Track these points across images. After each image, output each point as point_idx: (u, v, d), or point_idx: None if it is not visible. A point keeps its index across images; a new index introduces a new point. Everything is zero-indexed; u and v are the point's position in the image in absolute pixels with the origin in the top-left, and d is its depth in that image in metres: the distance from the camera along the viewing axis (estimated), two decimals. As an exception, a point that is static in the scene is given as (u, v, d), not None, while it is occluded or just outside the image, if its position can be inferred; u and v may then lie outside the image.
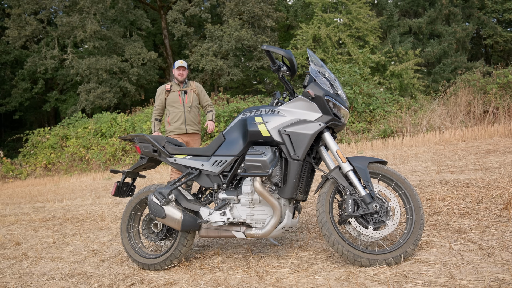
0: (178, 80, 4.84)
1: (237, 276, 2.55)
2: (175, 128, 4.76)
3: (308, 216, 3.72)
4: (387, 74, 14.36)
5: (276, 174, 2.51)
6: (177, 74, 4.84)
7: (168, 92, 4.85)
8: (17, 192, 9.42)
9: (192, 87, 4.96)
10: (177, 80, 4.86)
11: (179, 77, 4.82)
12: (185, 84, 4.93)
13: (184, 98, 4.83)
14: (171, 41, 22.04)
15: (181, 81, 4.86)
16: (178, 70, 4.83)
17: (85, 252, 3.62)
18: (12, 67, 21.68)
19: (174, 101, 4.79)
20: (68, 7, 18.34)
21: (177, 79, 4.85)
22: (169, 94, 4.83)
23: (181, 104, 4.81)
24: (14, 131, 21.62)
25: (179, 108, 4.79)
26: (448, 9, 19.06)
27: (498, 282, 1.95)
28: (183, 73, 4.84)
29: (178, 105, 4.80)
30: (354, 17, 17.08)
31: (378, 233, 2.35)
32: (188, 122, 4.79)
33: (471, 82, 9.71)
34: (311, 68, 2.62)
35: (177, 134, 4.76)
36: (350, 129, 10.20)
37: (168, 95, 4.84)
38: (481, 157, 5.14)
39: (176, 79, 4.86)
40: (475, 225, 2.75)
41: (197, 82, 4.93)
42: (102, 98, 17.67)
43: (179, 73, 4.83)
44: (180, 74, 4.82)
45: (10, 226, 5.28)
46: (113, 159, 12.05)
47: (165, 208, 2.73)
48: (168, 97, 4.84)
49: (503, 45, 19.82)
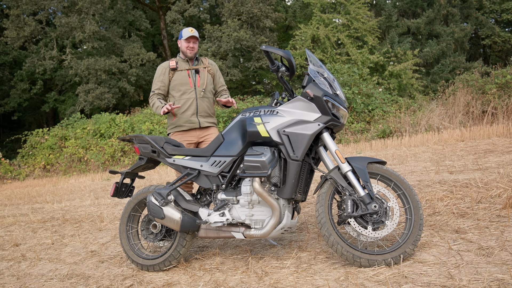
0: (187, 55, 3.58)
1: (236, 277, 2.55)
2: (185, 122, 3.52)
3: (307, 216, 3.72)
4: (385, 75, 14.38)
5: (275, 174, 2.51)
6: (185, 47, 3.56)
7: (173, 71, 3.58)
8: (16, 193, 9.40)
9: (205, 65, 3.71)
10: (184, 56, 3.61)
11: (189, 51, 3.56)
12: (196, 61, 3.68)
13: (196, 80, 3.59)
14: (170, 41, 22.03)
15: (191, 57, 3.60)
16: (187, 42, 3.55)
17: (84, 253, 3.61)
18: (10, 67, 21.64)
19: (181, 83, 3.53)
20: (67, 8, 18.32)
21: (185, 54, 3.58)
22: (175, 73, 3.58)
23: (191, 87, 3.54)
24: (12, 132, 21.59)
25: (189, 93, 3.53)
26: (446, 9, 19.10)
27: (497, 282, 1.95)
28: (194, 47, 3.58)
29: (188, 88, 3.54)
30: (352, 18, 17.09)
31: (377, 234, 2.35)
32: (201, 113, 3.56)
33: (469, 82, 9.72)
34: (310, 69, 2.62)
35: (186, 129, 3.53)
36: (349, 129, 10.21)
37: (174, 75, 3.59)
38: (480, 157, 5.15)
39: (184, 54, 3.59)
40: (474, 225, 2.75)
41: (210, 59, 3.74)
42: (101, 98, 17.65)
43: (188, 46, 3.56)
44: (190, 47, 3.56)
45: (9, 227, 5.27)
46: (112, 160, 12.04)
47: (164, 209, 2.72)
48: (174, 77, 3.57)
49: (501, 45, 19.86)
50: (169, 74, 3.57)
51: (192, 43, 3.55)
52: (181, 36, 3.57)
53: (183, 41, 3.56)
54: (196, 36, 3.55)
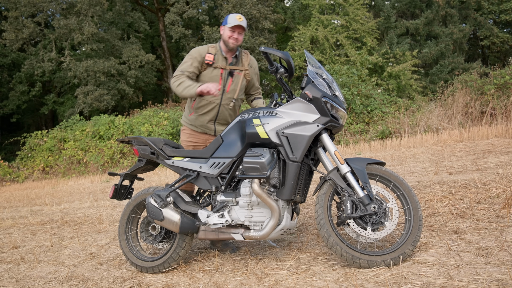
0: (229, 46, 3.00)
1: (235, 278, 2.54)
2: (200, 125, 3.13)
3: (307, 217, 3.72)
4: (384, 75, 14.40)
5: (274, 176, 2.51)
6: (228, 36, 2.99)
7: (206, 66, 3.03)
8: (15, 195, 9.38)
9: (244, 66, 3.12)
10: (225, 47, 3.03)
11: (232, 41, 2.99)
12: (236, 58, 3.10)
13: (227, 83, 3.06)
14: (169, 43, 22.03)
15: (232, 49, 3.02)
16: (232, 31, 2.98)
17: (83, 255, 3.60)
18: (9, 70, 21.62)
19: (210, 82, 2.95)
20: (66, 10, 18.32)
21: (226, 44, 3.01)
22: (207, 69, 3.04)
23: (219, 91, 3.02)
24: (11, 134, 21.57)
25: (212, 100, 3.05)
26: (444, 10, 19.15)
27: (496, 282, 1.95)
28: (239, 38, 3.00)
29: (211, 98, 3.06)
30: (351, 19, 17.12)
31: (376, 234, 2.35)
32: (220, 120, 3.14)
33: (468, 83, 9.74)
34: (309, 70, 2.62)
35: (200, 132, 3.16)
36: (348, 130, 10.21)
37: (206, 69, 3.04)
38: (478, 158, 5.15)
39: (225, 43, 3.02)
40: (473, 226, 2.76)
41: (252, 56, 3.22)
42: (100, 100, 17.63)
43: (232, 35, 2.99)
44: (234, 38, 2.99)
45: (8, 229, 5.26)
46: (111, 162, 12.02)
47: (163, 211, 2.72)
48: (204, 72, 3.05)
49: (500, 46, 19.91)
50: (202, 66, 3.03)
51: (237, 33, 2.98)
52: (226, 22, 3.00)
53: (227, 28, 2.98)
54: (244, 26, 2.97)
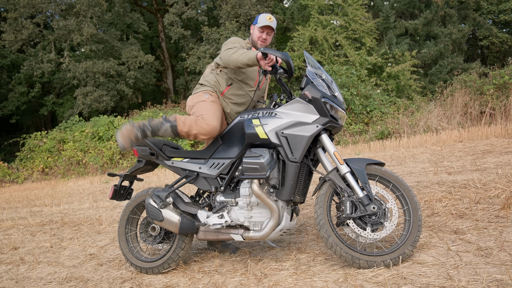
0: (257, 46, 3.00)
1: (235, 279, 2.54)
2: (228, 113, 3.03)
3: (306, 218, 3.72)
4: (383, 76, 14.40)
5: (273, 176, 2.51)
6: (257, 36, 2.97)
7: None
8: (14, 196, 9.37)
9: None
10: (253, 46, 3.03)
11: (260, 42, 2.98)
12: None
13: (261, 81, 3.04)
14: (168, 44, 22.04)
15: None
16: (261, 31, 2.96)
17: (83, 256, 3.60)
18: (8, 71, 21.62)
19: (249, 76, 2.94)
20: (65, 11, 18.31)
21: (254, 44, 3.01)
22: None
23: (255, 86, 3.00)
24: (11, 135, 21.55)
25: (250, 91, 2.98)
26: (443, 10, 19.16)
27: (496, 282, 1.95)
28: (267, 39, 2.99)
29: (250, 87, 2.98)
30: (350, 19, 17.12)
31: (376, 235, 2.35)
32: None
33: (467, 83, 9.74)
34: (308, 70, 2.62)
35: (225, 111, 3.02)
36: (347, 130, 10.22)
37: None
38: (478, 158, 5.16)
39: (254, 44, 3.01)
40: (473, 226, 2.76)
41: None
42: (99, 101, 17.63)
43: (261, 36, 2.97)
44: (262, 39, 2.97)
45: (7, 230, 5.25)
46: (110, 163, 12.02)
47: (162, 211, 2.72)
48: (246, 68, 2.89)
49: (499, 46, 19.92)
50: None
51: (266, 34, 2.96)
52: (256, 22, 2.96)
53: (256, 28, 2.96)
54: (273, 27, 2.93)
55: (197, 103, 2.91)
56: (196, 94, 2.99)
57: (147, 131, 2.75)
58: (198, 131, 2.74)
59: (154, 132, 2.76)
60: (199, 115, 2.82)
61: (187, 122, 2.75)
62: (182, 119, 2.77)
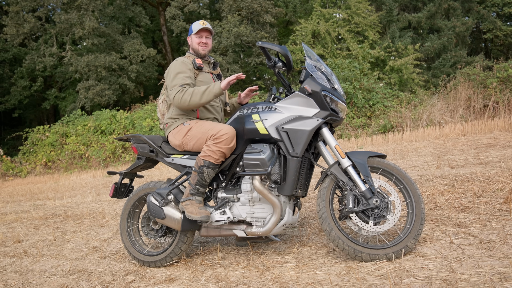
0: (200, 53, 2.88)
1: (237, 271, 2.55)
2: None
3: (309, 211, 3.72)
4: (386, 69, 14.31)
5: (275, 171, 2.50)
6: (197, 42, 2.87)
7: (198, 71, 2.83)
8: (17, 190, 9.42)
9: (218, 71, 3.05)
10: (196, 54, 2.90)
11: (202, 48, 2.87)
12: (214, 65, 3.00)
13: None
14: (170, 37, 21.96)
15: (204, 55, 2.91)
16: (199, 37, 2.87)
17: (86, 249, 3.62)
18: (10, 65, 21.61)
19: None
20: (66, 4, 18.24)
21: (197, 51, 2.89)
22: (200, 74, 2.85)
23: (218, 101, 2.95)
24: (13, 129, 21.59)
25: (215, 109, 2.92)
26: (447, 3, 18.98)
27: (499, 275, 1.95)
28: (208, 42, 2.88)
29: (214, 102, 2.91)
30: (353, 12, 17.00)
31: (378, 228, 2.35)
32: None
33: (471, 77, 9.68)
34: (307, 63, 2.60)
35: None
36: (349, 124, 10.19)
37: (198, 75, 2.83)
38: (481, 151, 5.14)
39: (196, 51, 2.89)
40: (476, 219, 2.75)
41: None
42: (101, 95, 17.62)
43: (200, 41, 2.87)
44: (203, 43, 2.87)
45: (11, 224, 5.29)
46: (113, 156, 12.04)
47: (164, 209, 2.71)
48: (198, 78, 2.82)
49: (503, 39, 19.76)
50: (194, 72, 2.81)
51: (205, 37, 2.87)
52: (191, 31, 2.89)
53: (193, 36, 2.88)
54: (209, 29, 2.85)
55: (187, 135, 2.72)
56: (175, 130, 2.80)
57: (198, 192, 2.63)
58: (225, 145, 2.53)
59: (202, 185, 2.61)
60: (204, 139, 2.63)
61: (211, 150, 2.54)
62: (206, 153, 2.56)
